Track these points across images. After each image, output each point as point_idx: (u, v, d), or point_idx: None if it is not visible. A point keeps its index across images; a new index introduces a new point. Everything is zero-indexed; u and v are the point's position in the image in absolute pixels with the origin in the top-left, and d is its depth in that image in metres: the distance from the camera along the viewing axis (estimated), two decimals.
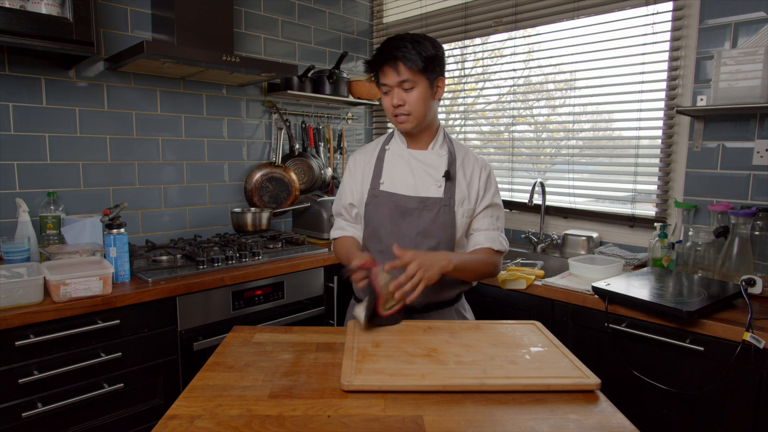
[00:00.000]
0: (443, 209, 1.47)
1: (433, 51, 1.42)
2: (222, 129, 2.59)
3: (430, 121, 1.50)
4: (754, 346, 1.36)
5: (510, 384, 1.00)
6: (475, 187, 1.50)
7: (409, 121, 1.45)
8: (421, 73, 1.40)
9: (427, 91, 1.43)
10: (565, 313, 1.79)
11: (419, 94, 1.41)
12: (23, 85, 1.97)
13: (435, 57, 1.42)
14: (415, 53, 1.39)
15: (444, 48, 1.51)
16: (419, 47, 1.40)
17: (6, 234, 1.93)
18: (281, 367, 1.11)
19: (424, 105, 1.43)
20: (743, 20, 1.88)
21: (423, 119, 1.46)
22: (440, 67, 1.45)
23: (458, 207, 1.48)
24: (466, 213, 1.49)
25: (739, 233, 1.76)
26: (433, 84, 1.44)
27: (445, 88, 1.49)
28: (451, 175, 1.49)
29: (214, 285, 1.87)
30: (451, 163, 1.50)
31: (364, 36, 3.25)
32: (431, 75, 1.42)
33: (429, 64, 1.40)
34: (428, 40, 1.44)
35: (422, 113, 1.44)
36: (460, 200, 1.48)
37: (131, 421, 1.71)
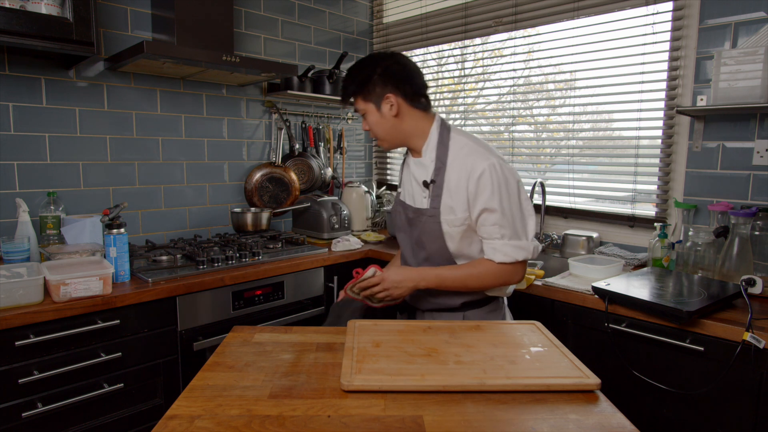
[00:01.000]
0: (429, 220, 1.45)
1: (364, 73, 1.40)
2: (222, 129, 2.59)
3: (410, 132, 1.45)
4: (754, 346, 1.36)
5: (510, 384, 1.00)
6: (462, 195, 1.38)
7: (381, 144, 1.49)
8: (363, 100, 1.42)
9: (376, 113, 1.42)
10: (565, 313, 1.79)
11: (372, 119, 1.43)
12: (23, 85, 1.97)
13: (366, 79, 1.40)
14: (348, 84, 1.42)
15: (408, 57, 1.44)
16: (352, 75, 1.42)
17: (6, 234, 1.93)
18: (281, 367, 1.11)
19: (382, 126, 1.43)
20: (743, 20, 1.88)
21: (393, 138, 1.46)
22: (381, 85, 1.39)
23: (444, 218, 1.42)
24: (455, 223, 1.40)
25: (739, 233, 1.76)
26: (380, 105, 1.41)
27: (398, 102, 1.40)
28: (432, 183, 1.43)
29: (214, 285, 1.87)
30: (438, 170, 1.42)
31: (364, 36, 3.25)
32: (372, 97, 1.41)
33: (362, 89, 1.41)
34: (365, 62, 1.43)
35: (386, 134, 1.45)
36: (446, 210, 1.41)
37: (131, 421, 1.71)
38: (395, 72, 1.40)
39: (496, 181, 1.34)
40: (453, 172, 1.40)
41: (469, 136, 1.46)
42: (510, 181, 1.37)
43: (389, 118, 1.42)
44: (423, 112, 1.46)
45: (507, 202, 1.36)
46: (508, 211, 1.36)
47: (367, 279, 1.45)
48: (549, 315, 1.83)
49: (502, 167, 1.36)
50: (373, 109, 1.42)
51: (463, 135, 1.45)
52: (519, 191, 1.40)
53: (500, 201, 1.35)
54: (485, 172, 1.34)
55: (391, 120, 1.42)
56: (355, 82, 1.42)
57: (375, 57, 1.43)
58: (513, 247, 1.37)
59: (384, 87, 1.39)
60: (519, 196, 1.39)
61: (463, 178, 1.37)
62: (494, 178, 1.34)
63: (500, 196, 1.35)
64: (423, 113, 1.46)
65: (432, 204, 1.43)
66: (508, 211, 1.36)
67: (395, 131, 1.44)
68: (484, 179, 1.34)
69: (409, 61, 1.45)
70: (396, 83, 1.40)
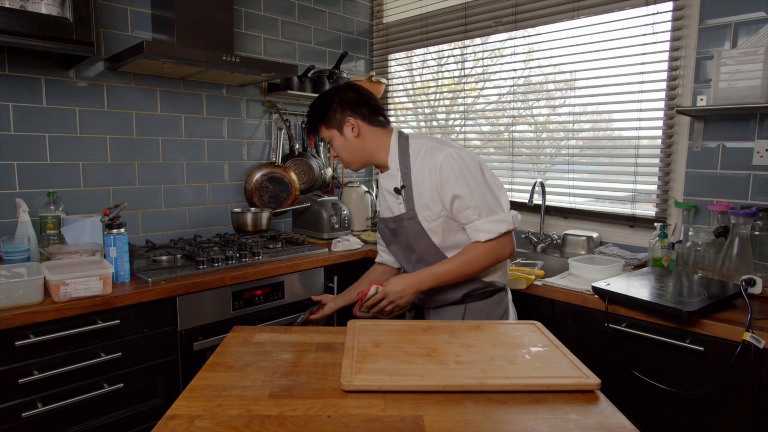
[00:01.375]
0: (409, 222, 1.55)
1: (324, 103, 1.55)
2: (222, 129, 2.59)
3: (374, 149, 1.57)
4: (754, 346, 1.36)
5: (510, 384, 1.00)
6: (430, 189, 1.48)
7: (350, 166, 1.62)
8: (326, 127, 1.57)
9: (340, 138, 1.56)
10: (565, 313, 1.79)
11: (338, 144, 1.57)
12: (23, 85, 1.97)
13: (326, 108, 1.54)
14: (312, 116, 1.58)
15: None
16: (313, 108, 1.58)
17: (6, 234, 1.93)
18: (281, 367, 1.11)
19: (347, 149, 1.57)
20: (743, 20, 1.88)
21: (359, 158, 1.59)
22: (340, 111, 1.54)
23: (421, 216, 1.52)
24: (432, 217, 1.50)
25: (739, 233, 1.76)
26: (342, 129, 1.55)
27: (357, 123, 1.54)
28: (403, 188, 1.53)
29: (214, 285, 1.87)
30: (405, 175, 1.53)
31: (364, 36, 3.25)
32: (334, 123, 1.55)
33: (322, 118, 1.56)
34: (323, 96, 1.57)
35: (352, 155, 1.58)
36: (421, 208, 1.51)
37: (131, 421, 1.71)
38: (350, 98, 1.55)
39: (456, 167, 1.44)
40: (417, 172, 1.51)
41: (425, 137, 1.57)
42: (469, 163, 1.46)
43: (352, 139, 1.55)
44: (382, 128, 1.58)
45: (473, 183, 1.44)
46: (476, 191, 1.44)
47: (371, 297, 1.53)
48: (549, 315, 1.83)
49: (459, 153, 1.46)
50: (336, 134, 1.56)
51: (420, 138, 1.56)
52: (482, 170, 1.48)
53: (466, 183, 1.44)
54: (444, 161, 1.44)
55: (354, 141, 1.55)
56: (317, 113, 1.57)
57: (331, 89, 1.59)
58: (492, 222, 1.44)
59: (343, 112, 1.54)
60: (483, 175, 1.47)
61: (426, 175, 1.48)
62: (453, 165, 1.44)
63: (465, 179, 1.44)
64: (382, 130, 1.58)
65: (407, 207, 1.54)
66: (477, 191, 1.44)
67: (359, 151, 1.57)
68: (444, 168, 1.44)
69: (361, 88, 1.60)
70: (353, 107, 1.54)
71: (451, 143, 1.52)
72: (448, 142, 1.52)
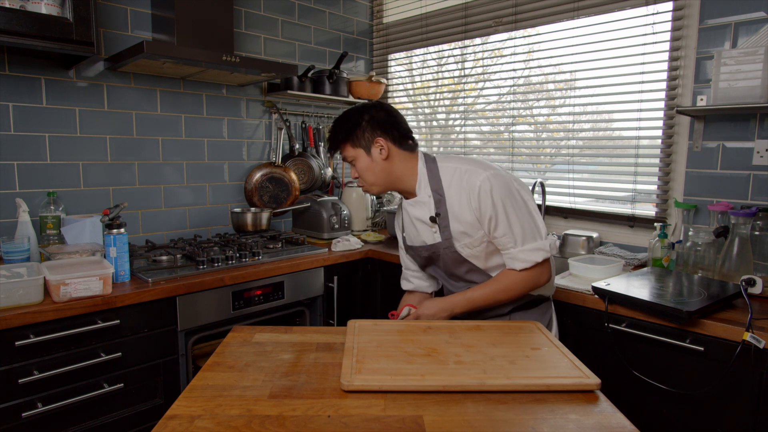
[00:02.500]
0: (446, 251, 1.49)
1: (352, 120, 1.46)
2: (222, 129, 2.59)
3: (401, 173, 1.49)
4: (754, 346, 1.36)
5: (510, 384, 1.00)
6: (469, 216, 1.40)
7: (371, 188, 1.52)
8: (352, 146, 1.47)
9: (366, 158, 1.47)
10: (565, 313, 1.79)
11: (362, 165, 1.48)
12: (23, 85, 1.97)
13: (354, 126, 1.45)
14: (337, 132, 1.48)
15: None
16: (339, 124, 1.48)
17: (6, 234, 1.93)
18: (281, 367, 1.11)
19: (372, 171, 1.48)
20: (743, 20, 1.88)
21: (384, 182, 1.50)
22: (369, 131, 1.45)
23: (459, 243, 1.45)
24: (474, 244, 1.43)
25: (739, 233, 1.76)
26: (369, 150, 1.46)
27: (387, 145, 1.46)
28: (438, 216, 1.46)
29: (214, 285, 1.87)
30: (438, 202, 1.46)
31: (364, 36, 3.25)
32: (362, 142, 1.46)
33: (351, 136, 1.46)
34: (351, 112, 1.49)
35: (376, 179, 1.49)
36: (459, 236, 1.44)
37: (131, 421, 1.71)
38: (381, 118, 1.46)
39: (497, 191, 1.36)
40: (453, 198, 1.43)
41: (455, 159, 1.49)
42: (510, 186, 1.39)
43: (379, 161, 1.47)
44: (410, 153, 1.51)
45: (511, 209, 1.37)
46: (514, 218, 1.37)
47: (404, 318, 1.50)
48: None
49: (498, 176, 1.39)
50: (362, 154, 1.47)
51: (449, 160, 1.49)
52: (521, 193, 1.41)
53: (504, 209, 1.36)
54: (482, 186, 1.37)
55: (381, 163, 1.47)
56: (344, 130, 1.47)
57: (360, 107, 1.50)
58: (529, 251, 1.38)
59: (373, 132, 1.45)
60: (522, 198, 1.40)
61: (464, 201, 1.40)
62: (493, 189, 1.36)
63: (503, 204, 1.36)
64: (410, 154, 1.51)
65: (443, 236, 1.47)
66: (515, 218, 1.37)
67: (385, 174, 1.49)
68: (483, 193, 1.37)
69: (392, 108, 1.53)
70: (384, 128, 1.46)
71: (485, 164, 1.44)
72: (483, 163, 1.44)
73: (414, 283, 1.69)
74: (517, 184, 1.42)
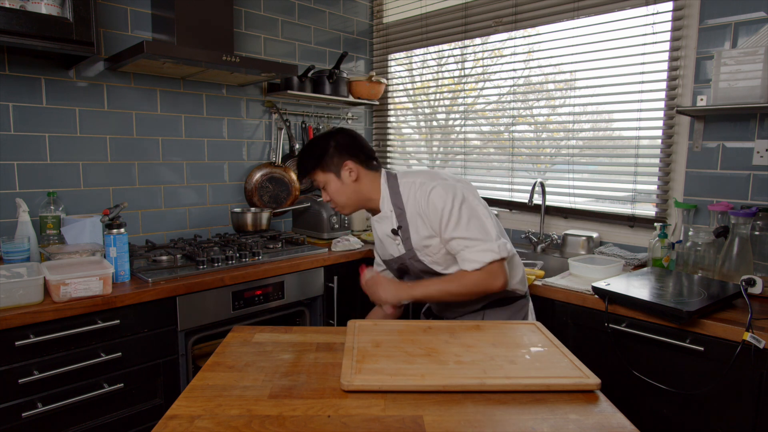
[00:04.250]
0: (411, 261, 1.57)
1: (320, 147, 1.54)
2: (222, 129, 2.59)
3: (368, 193, 1.57)
4: (754, 346, 1.36)
5: (510, 384, 1.00)
6: (425, 225, 1.48)
7: (343, 210, 1.60)
8: (322, 171, 1.55)
9: (337, 182, 1.55)
10: (565, 313, 1.79)
11: (333, 188, 1.56)
12: (23, 85, 1.97)
13: (323, 153, 1.53)
14: (306, 160, 1.57)
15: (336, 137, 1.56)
16: (307, 152, 1.57)
17: (6, 234, 1.93)
18: (281, 367, 1.11)
19: (343, 193, 1.56)
20: (743, 20, 1.88)
21: (354, 202, 1.58)
22: (338, 155, 1.53)
23: (421, 253, 1.53)
24: (434, 251, 1.50)
25: (739, 233, 1.76)
26: (339, 173, 1.54)
27: (356, 167, 1.53)
28: (399, 229, 1.54)
29: (214, 285, 1.87)
30: (399, 216, 1.54)
31: (364, 36, 3.25)
32: (332, 167, 1.54)
33: (321, 162, 1.54)
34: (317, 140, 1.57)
35: (347, 200, 1.57)
36: (420, 246, 1.52)
37: (131, 421, 1.71)
38: (348, 142, 1.55)
39: (442, 199, 1.44)
40: (411, 211, 1.51)
41: (415, 174, 1.56)
42: (456, 193, 1.45)
43: (350, 183, 1.54)
44: (375, 172, 1.59)
45: (457, 215, 1.43)
46: (463, 222, 1.43)
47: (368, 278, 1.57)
48: (549, 315, 1.83)
49: (446, 186, 1.46)
50: (333, 178, 1.55)
51: (409, 176, 1.56)
52: (469, 200, 1.46)
53: (450, 216, 1.43)
54: (432, 193, 1.45)
55: (351, 185, 1.55)
56: (313, 157, 1.55)
57: (326, 134, 1.59)
58: (478, 252, 1.42)
59: (341, 156, 1.53)
60: (470, 204, 1.46)
61: (420, 212, 1.48)
62: (440, 197, 1.44)
63: (450, 211, 1.43)
64: (376, 174, 1.59)
65: (406, 247, 1.55)
66: (463, 222, 1.43)
67: (356, 195, 1.56)
68: (432, 203, 1.45)
69: (355, 132, 1.62)
70: (351, 151, 1.54)
71: (439, 176, 1.51)
72: (438, 175, 1.51)
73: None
74: (466, 191, 1.47)
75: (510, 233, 2.69)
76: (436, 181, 1.47)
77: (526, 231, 2.57)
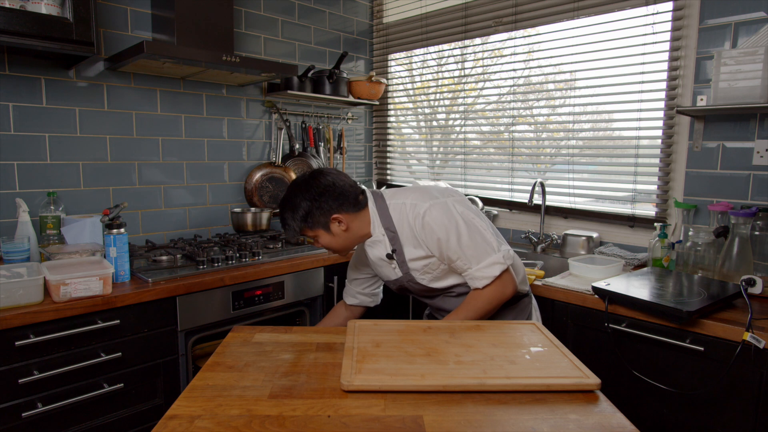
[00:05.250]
0: (410, 284, 1.54)
1: (302, 211, 1.43)
2: (222, 129, 2.59)
3: (360, 230, 1.50)
4: (754, 346, 1.36)
5: (510, 384, 1.00)
6: (420, 247, 1.45)
7: (341, 252, 1.56)
8: (310, 230, 1.47)
9: (327, 235, 1.47)
10: (565, 313, 1.79)
11: (326, 241, 1.49)
12: (23, 85, 1.97)
13: (306, 215, 1.43)
14: (291, 223, 1.46)
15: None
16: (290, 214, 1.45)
17: (6, 234, 1.93)
18: (281, 367, 1.11)
19: (337, 242, 1.49)
20: (743, 20, 1.88)
21: (350, 244, 1.52)
22: (321, 213, 1.43)
23: (418, 274, 1.50)
24: (433, 267, 1.48)
25: (739, 233, 1.76)
26: (329, 228, 1.46)
27: (345, 218, 1.45)
28: (394, 253, 1.50)
29: (214, 285, 1.87)
30: (393, 239, 1.49)
31: (364, 36, 3.25)
32: (318, 225, 1.45)
33: (306, 223, 1.44)
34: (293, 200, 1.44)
35: (343, 245, 1.51)
36: (417, 268, 1.49)
37: (131, 421, 1.71)
38: (328, 194, 1.43)
39: (439, 220, 1.40)
40: (404, 233, 1.47)
41: (403, 193, 1.51)
42: (452, 212, 1.41)
43: (341, 233, 1.47)
44: (365, 208, 1.50)
45: (456, 233, 1.40)
46: (464, 240, 1.40)
47: None
48: (549, 315, 1.83)
49: (438, 204, 1.42)
50: (322, 233, 1.47)
51: (398, 196, 1.50)
52: (465, 215, 1.43)
53: (448, 236, 1.40)
54: (425, 219, 1.41)
55: (342, 234, 1.48)
56: (297, 220, 1.45)
57: (301, 188, 1.45)
58: (485, 268, 1.41)
59: (325, 213, 1.43)
60: (465, 220, 1.42)
61: (416, 235, 1.44)
62: (435, 220, 1.40)
63: (447, 231, 1.40)
64: (365, 209, 1.50)
65: (402, 270, 1.52)
66: (464, 240, 1.40)
67: (350, 240, 1.50)
68: (427, 226, 1.41)
69: (329, 175, 1.47)
70: (335, 204, 1.44)
71: (431, 192, 1.47)
72: (429, 193, 1.47)
73: (358, 299, 1.74)
74: (460, 206, 1.44)
75: (510, 233, 2.69)
76: (427, 201, 1.43)
77: (526, 231, 2.57)
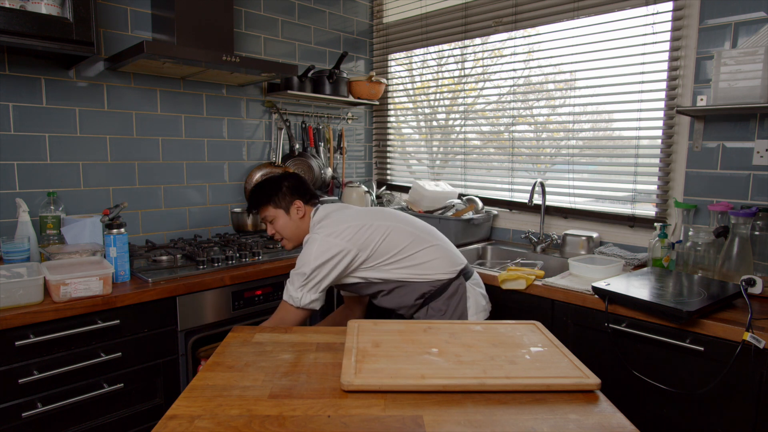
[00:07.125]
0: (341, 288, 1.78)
1: (274, 187, 1.74)
2: (222, 129, 2.59)
3: (307, 221, 1.76)
4: (754, 346, 1.36)
5: (510, 384, 1.00)
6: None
7: (287, 244, 1.79)
8: (273, 207, 1.74)
9: (285, 217, 1.75)
10: (565, 313, 1.79)
11: (281, 223, 1.75)
12: (23, 85, 1.97)
13: (276, 190, 1.73)
14: (259, 195, 1.75)
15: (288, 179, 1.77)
16: (262, 190, 1.76)
17: (6, 234, 1.93)
18: (281, 367, 1.11)
19: (290, 227, 1.75)
20: (743, 20, 1.88)
21: (298, 236, 1.76)
22: (289, 195, 1.74)
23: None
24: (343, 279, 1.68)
25: (739, 233, 1.76)
26: (289, 210, 1.74)
27: (303, 206, 1.74)
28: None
29: (214, 285, 1.87)
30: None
31: (364, 36, 3.25)
32: (282, 204, 1.74)
33: (273, 198, 1.73)
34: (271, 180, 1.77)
35: (293, 233, 1.76)
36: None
37: (131, 421, 1.71)
38: (298, 185, 1.78)
39: (306, 243, 1.63)
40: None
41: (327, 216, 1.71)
42: (314, 244, 1.59)
43: (296, 220, 1.75)
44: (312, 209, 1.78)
45: (303, 257, 1.60)
46: (300, 263, 1.59)
47: None
48: (549, 315, 1.83)
49: (318, 237, 1.60)
50: (282, 213, 1.75)
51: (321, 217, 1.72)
52: (317, 255, 1.57)
53: (301, 255, 1.62)
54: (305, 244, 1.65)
55: (297, 221, 1.75)
56: (266, 194, 1.75)
57: (278, 176, 1.80)
58: (288, 288, 1.61)
59: (292, 196, 1.75)
60: (315, 256, 1.57)
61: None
62: (307, 240, 1.64)
63: (302, 252, 1.62)
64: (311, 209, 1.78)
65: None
66: (300, 263, 1.59)
67: (299, 230, 1.76)
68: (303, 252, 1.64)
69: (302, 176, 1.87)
70: (299, 192, 1.77)
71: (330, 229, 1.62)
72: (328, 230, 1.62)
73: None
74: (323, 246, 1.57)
75: (510, 233, 2.69)
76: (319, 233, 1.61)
77: (526, 231, 2.57)
